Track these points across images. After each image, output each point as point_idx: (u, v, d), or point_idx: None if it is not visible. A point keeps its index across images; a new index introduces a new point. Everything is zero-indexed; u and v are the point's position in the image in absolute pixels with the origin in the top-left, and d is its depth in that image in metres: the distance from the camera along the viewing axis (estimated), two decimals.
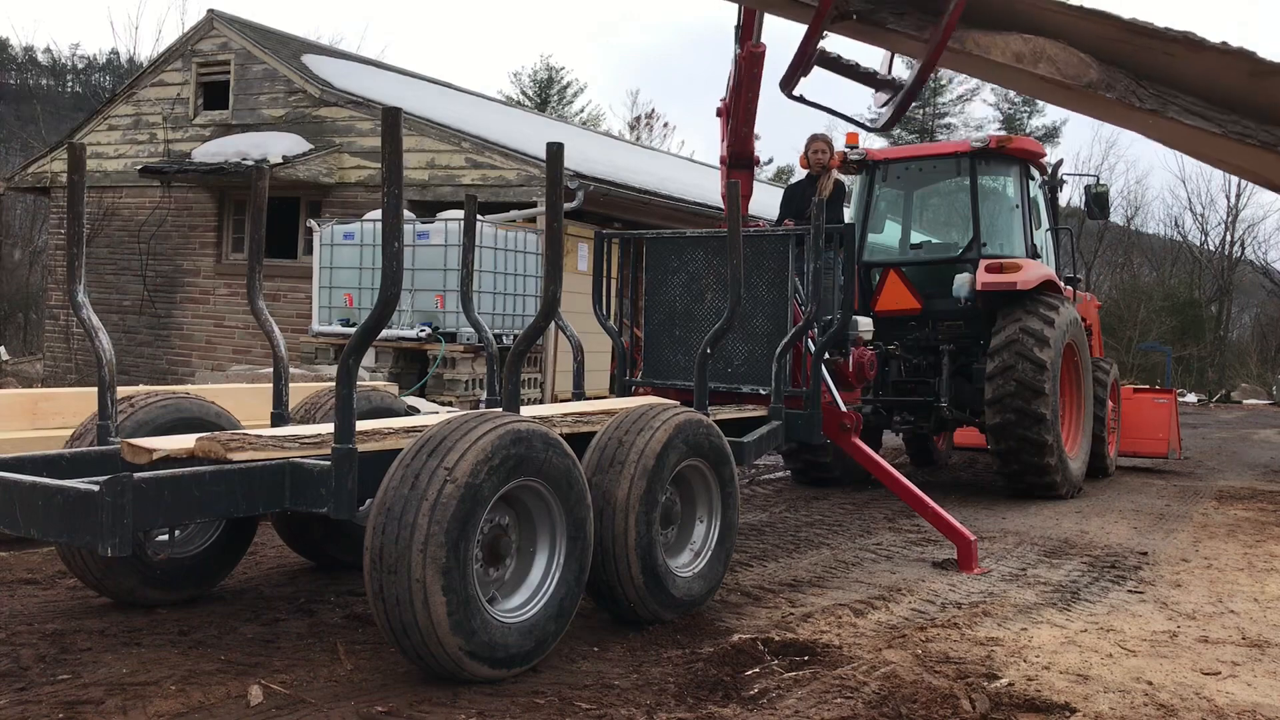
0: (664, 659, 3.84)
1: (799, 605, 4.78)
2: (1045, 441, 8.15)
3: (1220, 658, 4.13)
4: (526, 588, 3.71)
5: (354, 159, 13.70)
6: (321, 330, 11.27)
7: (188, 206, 15.29)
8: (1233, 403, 27.78)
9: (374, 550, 3.31)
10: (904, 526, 7.11)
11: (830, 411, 6.14)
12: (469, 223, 5.73)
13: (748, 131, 7.30)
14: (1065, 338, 8.48)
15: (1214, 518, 7.87)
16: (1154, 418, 11.05)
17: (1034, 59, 3.06)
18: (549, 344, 11.94)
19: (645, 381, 6.61)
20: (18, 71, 42.47)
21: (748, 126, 7.27)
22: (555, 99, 44.00)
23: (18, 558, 5.25)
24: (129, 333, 15.52)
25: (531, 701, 3.34)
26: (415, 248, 10.51)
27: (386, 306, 3.44)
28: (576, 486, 3.77)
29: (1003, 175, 9.22)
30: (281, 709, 3.22)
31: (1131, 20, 3.10)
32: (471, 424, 3.49)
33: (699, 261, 6.39)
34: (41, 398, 6.39)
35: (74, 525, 3.14)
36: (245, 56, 14.73)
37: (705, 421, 4.55)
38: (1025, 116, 44.42)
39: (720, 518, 4.66)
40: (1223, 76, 3.22)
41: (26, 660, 3.62)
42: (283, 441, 3.71)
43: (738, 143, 7.33)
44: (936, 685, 3.52)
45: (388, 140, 3.40)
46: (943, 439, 10.86)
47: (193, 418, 4.44)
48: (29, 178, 16.83)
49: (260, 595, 4.66)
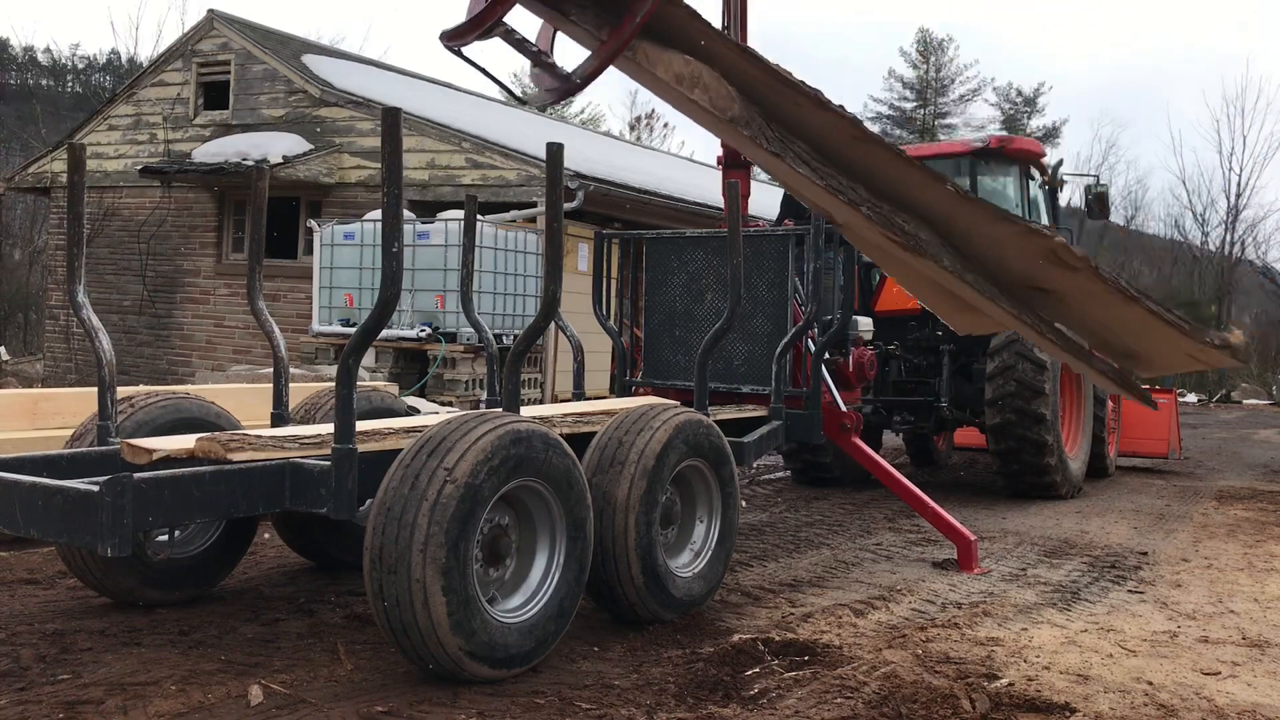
0: (664, 659, 3.84)
1: (799, 605, 4.78)
2: (1045, 441, 8.15)
3: (1220, 658, 4.13)
4: (526, 588, 3.71)
5: (354, 159, 13.70)
6: (321, 330, 11.27)
7: (188, 206, 15.29)
8: (1233, 403, 27.78)
9: (374, 550, 3.31)
10: (904, 526, 7.11)
11: (830, 411, 6.14)
12: (469, 223, 5.73)
13: None
14: None
15: (1214, 518, 7.87)
16: (1154, 418, 11.04)
17: (691, 84, 3.22)
18: (549, 344, 11.93)
19: (645, 382, 6.61)
20: (18, 71, 42.48)
21: None
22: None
23: (18, 558, 5.25)
24: (129, 333, 15.52)
25: (531, 701, 3.34)
26: (415, 248, 10.51)
27: (386, 307, 3.44)
28: (576, 486, 3.77)
29: (1003, 175, 9.22)
30: (281, 709, 3.22)
31: (776, 66, 3.38)
32: (471, 424, 3.49)
33: (699, 261, 6.39)
34: (41, 398, 6.39)
35: (74, 525, 3.14)
36: (245, 56, 14.73)
37: (705, 422, 4.55)
38: (1026, 117, 44.47)
39: (720, 518, 4.66)
40: (832, 134, 3.48)
41: (27, 660, 3.62)
42: (283, 442, 3.71)
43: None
44: (936, 685, 3.52)
45: (388, 140, 3.40)
46: (943, 439, 10.86)
47: (193, 418, 4.44)
48: (29, 178, 16.83)
49: (260, 595, 4.66)
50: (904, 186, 3.59)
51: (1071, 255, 3.60)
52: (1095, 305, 3.83)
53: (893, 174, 3.57)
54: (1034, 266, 3.70)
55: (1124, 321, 3.87)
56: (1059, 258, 3.62)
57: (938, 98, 46.30)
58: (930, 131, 44.55)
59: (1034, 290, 3.86)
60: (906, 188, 3.60)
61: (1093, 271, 3.66)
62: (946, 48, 46.19)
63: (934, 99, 46.23)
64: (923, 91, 46.38)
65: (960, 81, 46.18)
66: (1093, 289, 3.73)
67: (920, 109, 46.48)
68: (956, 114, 46.18)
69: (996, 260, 3.74)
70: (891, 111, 46.85)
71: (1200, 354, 3.93)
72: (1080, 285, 3.73)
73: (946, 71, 46.22)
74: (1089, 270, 3.65)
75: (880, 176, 3.57)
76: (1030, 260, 3.68)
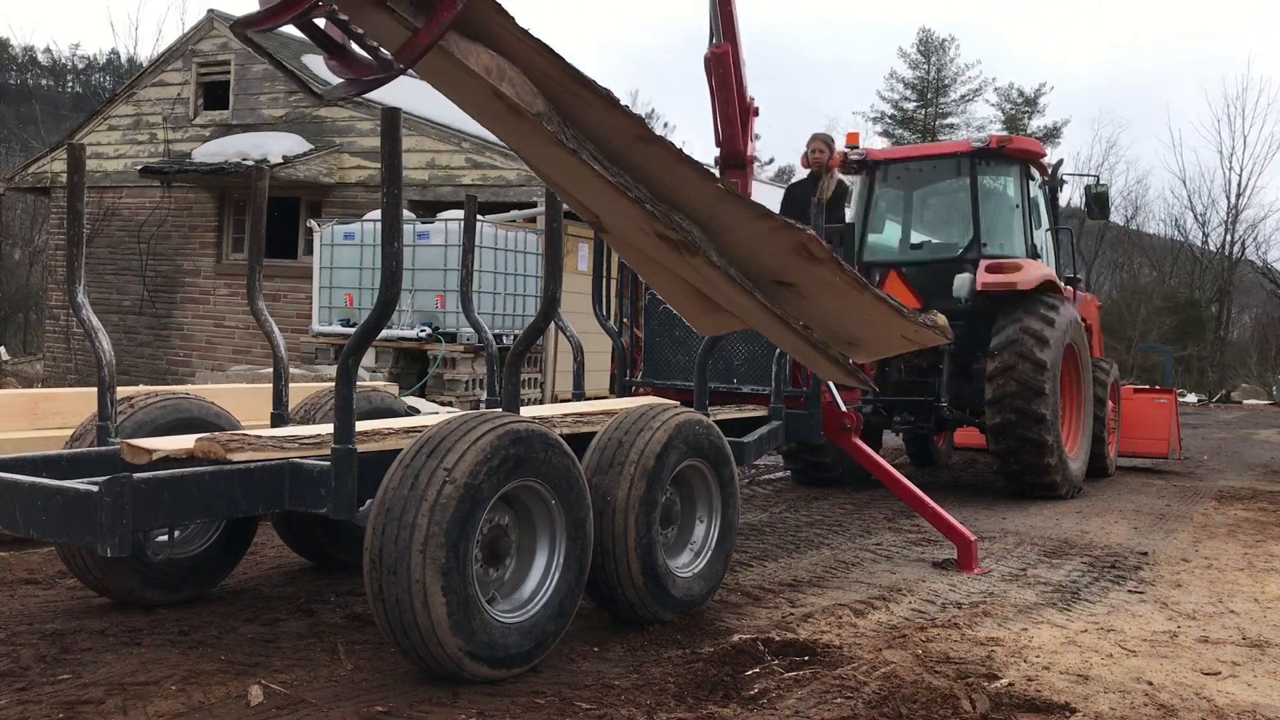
0: (664, 659, 3.84)
1: (799, 605, 4.78)
2: (1045, 441, 8.15)
3: (1220, 658, 4.13)
4: (526, 588, 3.70)
5: (354, 159, 13.70)
6: (321, 330, 11.27)
7: (188, 206, 15.30)
8: (1233, 403, 27.78)
9: (374, 551, 3.31)
10: (904, 526, 7.11)
11: (830, 411, 6.14)
12: (469, 223, 5.73)
13: (730, 131, 7.24)
14: (1065, 338, 8.48)
15: (1214, 518, 7.87)
16: (1154, 418, 11.05)
17: (499, 76, 3.33)
18: (549, 344, 11.94)
19: (645, 382, 6.61)
20: (18, 71, 42.49)
21: (729, 126, 7.22)
22: None
23: (18, 558, 5.25)
24: (129, 333, 15.52)
25: (531, 701, 3.34)
26: (415, 248, 10.51)
27: (386, 307, 3.44)
28: (576, 487, 3.77)
29: (1003, 175, 9.22)
30: (281, 709, 3.22)
31: (570, 64, 3.47)
32: (471, 424, 3.49)
33: None
34: (41, 398, 6.39)
35: (73, 526, 3.14)
36: (245, 56, 14.73)
37: (705, 421, 4.55)
38: (1027, 117, 44.46)
39: (720, 518, 4.65)
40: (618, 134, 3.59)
41: (26, 660, 3.62)
42: (282, 442, 3.72)
43: (725, 143, 7.29)
44: (936, 685, 3.52)
45: (387, 140, 3.41)
46: (943, 439, 10.86)
47: (193, 418, 4.44)
48: (29, 178, 16.84)
49: (260, 595, 4.66)
50: (678, 186, 3.75)
51: (819, 248, 3.86)
52: (831, 296, 4.13)
53: (669, 173, 3.71)
54: (785, 260, 3.97)
55: (853, 310, 4.21)
56: (808, 250, 3.88)
57: (939, 98, 46.31)
58: (931, 132, 44.56)
59: (779, 285, 4.15)
60: (679, 187, 3.75)
61: (835, 263, 3.94)
62: (948, 48, 46.27)
63: (935, 99, 46.24)
64: (924, 92, 46.41)
65: (961, 82, 46.24)
66: (832, 280, 4.02)
67: (922, 109, 46.50)
68: (957, 114, 46.23)
69: (752, 256, 3.98)
70: (893, 111, 46.93)
71: (914, 335, 4.34)
72: (822, 277, 4.01)
73: (948, 72, 46.28)
74: (831, 262, 3.92)
75: (658, 177, 3.71)
76: (783, 254, 3.94)
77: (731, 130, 7.22)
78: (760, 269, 4.00)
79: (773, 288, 4.09)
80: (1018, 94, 45.13)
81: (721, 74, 6.97)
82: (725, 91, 7.02)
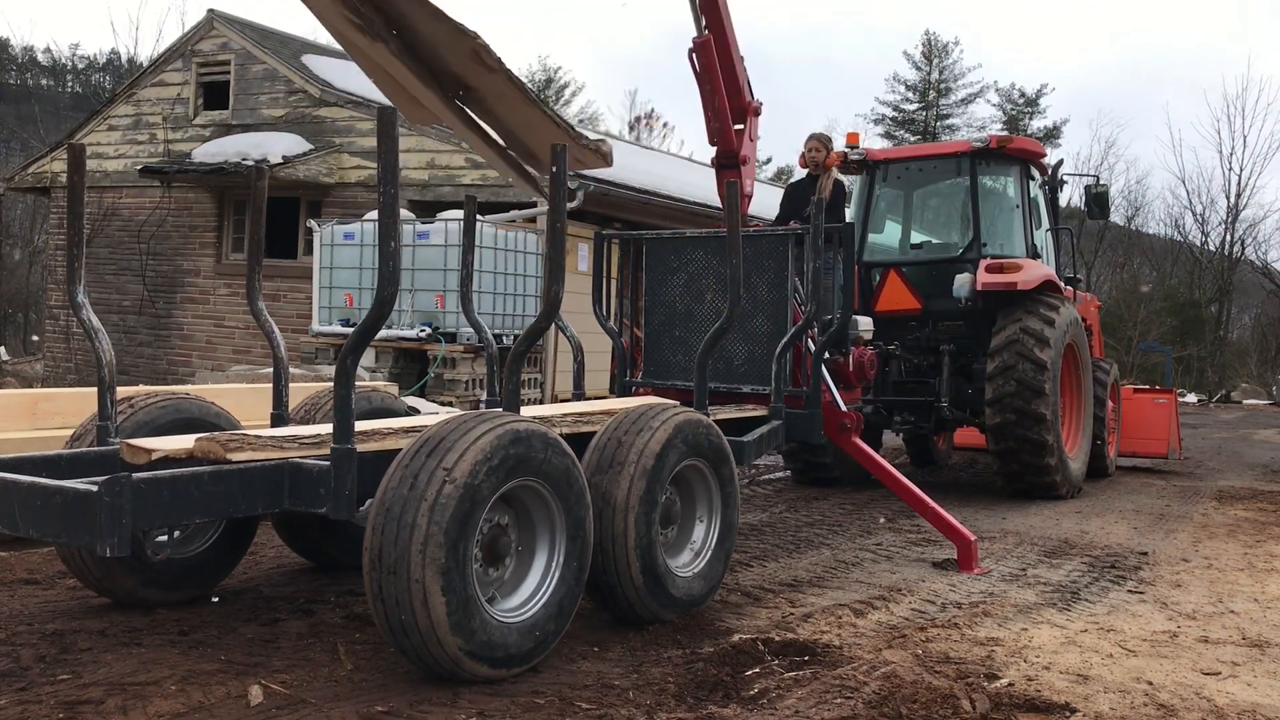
0: (664, 659, 3.84)
1: (799, 605, 4.78)
2: (1045, 441, 8.15)
3: (1220, 658, 4.13)
4: (526, 588, 3.70)
5: (354, 159, 13.70)
6: (321, 330, 11.27)
7: (188, 206, 15.30)
8: (1233, 403, 27.78)
9: (373, 550, 3.31)
10: (904, 526, 7.11)
11: (830, 411, 6.14)
12: (469, 223, 5.73)
13: (720, 126, 7.18)
14: (1065, 338, 8.48)
15: (1214, 518, 7.87)
16: (1154, 418, 11.05)
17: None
18: (549, 344, 11.94)
19: (645, 382, 6.60)
20: (18, 71, 42.49)
21: (718, 121, 7.16)
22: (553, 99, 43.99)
23: (18, 558, 5.25)
24: (129, 333, 15.52)
25: (531, 701, 3.34)
26: (415, 248, 10.51)
27: (383, 306, 3.44)
28: (576, 486, 3.77)
29: (1003, 175, 9.22)
30: (281, 709, 3.22)
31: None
32: (471, 424, 3.49)
33: (699, 261, 6.39)
34: (41, 398, 6.39)
35: (73, 525, 3.14)
36: (245, 56, 14.73)
37: (705, 421, 4.54)
38: (1027, 117, 44.46)
39: (720, 517, 4.65)
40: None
41: (26, 660, 3.62)
42: (282, 442, 3.71)
43: (718, 140, 7.26)
44: (936, 685, 3.52)
45: (383, 140, 3.40)
46: (943, 439, 10.86)
47: (192, 418, 4.44)
48: (29, 178, 16.84)
49: (260, 595, 4.66)
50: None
51: (491, 56, 4.14)
52: (508, 106, 4.47)
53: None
54: (465, 65, 4.29)
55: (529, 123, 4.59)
56: (480, 58, 4.17)
57: (940, 99, 46.30)
58: (931, 132, 44.56)
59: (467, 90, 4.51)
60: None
61: (506, 74, 4.22)
62: (951, 51, 46.28)
63: (936, 101, 46.24)
64: (925, 93, 46.41)
65: (962, 84, 46.25)
66: (505, 90, 4.34)
67: (923, 111, 46.51)
68: (958, 115, 46.24)
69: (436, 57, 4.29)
70: (894, 113, 46.94)
71: (581, 155, 4.77)
72: (497, 87, 4.34)
73: (949, 73, 46.26)
74: (504, 72, 4.21)
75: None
76: (462, 59, 4.25)
77: (721, 125, 7.16)
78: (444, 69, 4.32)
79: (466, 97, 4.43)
80: (1019, 95, 45.17)
81: (705, 64, 6.93)
82: (710, 83, 6.98)
